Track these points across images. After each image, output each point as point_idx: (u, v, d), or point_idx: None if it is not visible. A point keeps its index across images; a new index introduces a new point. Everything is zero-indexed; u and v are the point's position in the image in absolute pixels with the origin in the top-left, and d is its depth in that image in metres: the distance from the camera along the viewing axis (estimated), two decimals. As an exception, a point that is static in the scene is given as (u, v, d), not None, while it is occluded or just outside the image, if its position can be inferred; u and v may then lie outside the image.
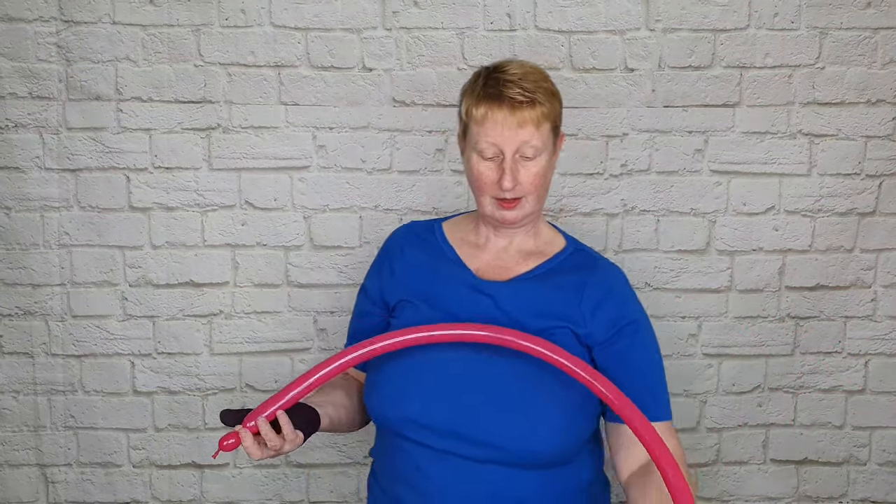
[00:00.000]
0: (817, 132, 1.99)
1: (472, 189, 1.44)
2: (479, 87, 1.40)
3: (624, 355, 1.41)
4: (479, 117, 1.38)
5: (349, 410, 1.50)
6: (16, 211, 1.97)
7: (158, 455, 2.04)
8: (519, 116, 1.36)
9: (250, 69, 1.94)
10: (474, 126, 1.39)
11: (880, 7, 1.95)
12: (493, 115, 1.37)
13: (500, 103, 1.36)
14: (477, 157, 1.40)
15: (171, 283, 2.00)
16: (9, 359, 2.01)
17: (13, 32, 1.91)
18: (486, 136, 1.37)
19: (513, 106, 1.36)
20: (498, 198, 1.40)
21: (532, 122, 1.37)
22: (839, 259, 2.02)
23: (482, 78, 1.42)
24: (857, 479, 2.10)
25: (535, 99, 1.37)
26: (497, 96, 1.37)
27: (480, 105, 1.38)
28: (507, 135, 1.36)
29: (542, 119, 1.38)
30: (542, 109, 1.38)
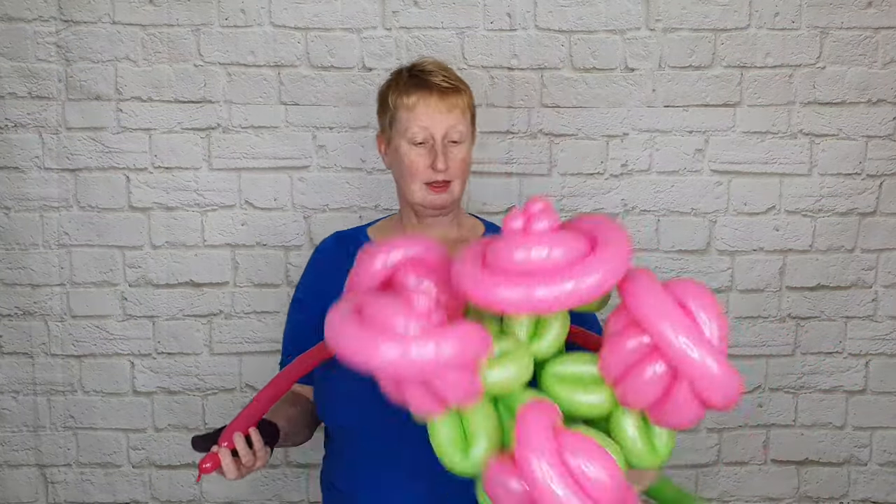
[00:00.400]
0: (818, 132, 1.98)
1: (401, 178, 1.50)
2: (405, 80, 1.50)
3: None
4: (411, 104, 1.47)
5: (299, 423, 1.53)
6: (15, 211, 1.97)
7: (158, 455, 2.04)
8: (448, 102, 1.47)
9: (250, 69, 1.94)
10: (404, 113, 1.47)
11: (881, 7, 1.95)
12: (424, 100, 1.46)
13: (430, 90, 1.47)
14: (408, 145, 1.47)
15: (171, 283, 2.00)
16: (8, 359, 2.01)
17: (13, 32, 1.91)
18: (418, 120, 1.46)
19: (441, 91, 1.47)
20: (429, 182, 1.47)
21: (458, 108, 1.48)
22: (840, 259, 2.02)
23: (405, 73, 1.52)
24: (858, 480, 2.10)
25: (459, 87, 1.50)
26: (426, 84, 1.48)
27: (411, 94, 1.47)
28: (437, 118, 1.46)
29: (466, 107, 1.50)
30: (465, 97, 1.50)
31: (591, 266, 0.96)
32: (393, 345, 0.94)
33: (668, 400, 1.01)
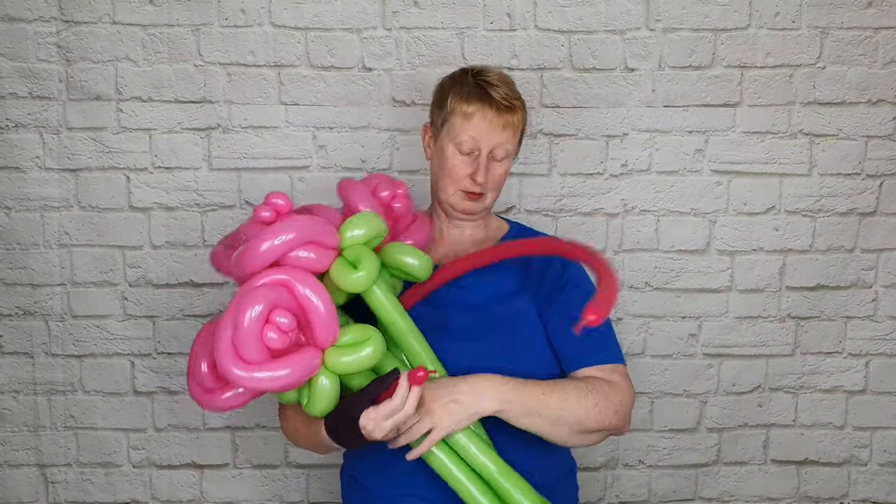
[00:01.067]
0: (818, 132, 1.98)
1: (440, 177, 1.54)
2: (469, 86, 1.51)
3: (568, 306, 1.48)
4: (469, 113, 1.49)
5: None
6: (16, 211, 1.97)
7: (158, 455, 2.04)
8: (504, 119, 1.50)
9: (250, 69, 1.94)
10: (459, 119, 1.50)
11: (881, 7, 1.95)
12: (482, 112, 1.48)
13: (490, 104, 1.49)
14: (454, 149, 1.50)
15: (171, 283, 2.00)
16: (9, 359, 2.01)
17: (13, 32, 1.92)
18: (470, 130, 1.49)
19: (499, 108, 1.49)
20: (465, 189, 1.52)
21: (512, 127, 1.51)
22: (840, 259, 2.02)
23: (470, 77, 1.52)
24: (858, 480, 2.09)
25: (516, 106, 1.52)
26: (487, 96, 1.49)
27: (471, 102, 1.49)
28: (490, 133, 1.49)
29: (518, 126, 1.53)
30: (520, 116, 1.53)
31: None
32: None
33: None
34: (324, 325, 1.29)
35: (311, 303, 1.28)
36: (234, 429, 2.05)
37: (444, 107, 1.52)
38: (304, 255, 1.32)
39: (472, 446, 1.37)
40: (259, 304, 1.26)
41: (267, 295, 1.27)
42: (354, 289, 1.33)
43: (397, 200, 1.51)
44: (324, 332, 1.29)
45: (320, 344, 1.30)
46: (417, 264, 1.43)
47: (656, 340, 2.04)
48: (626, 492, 2.08)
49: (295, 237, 1.31)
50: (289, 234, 1.31)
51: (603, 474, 2.07)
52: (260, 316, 1.25)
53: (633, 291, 2.02)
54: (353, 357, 1.30)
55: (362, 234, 1.37)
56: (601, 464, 2.07)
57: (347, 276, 1.32)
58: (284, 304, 1.28)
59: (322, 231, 1.34)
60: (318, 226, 1.34)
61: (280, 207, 1.38)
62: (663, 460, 2.07)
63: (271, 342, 1.26)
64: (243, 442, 2.05)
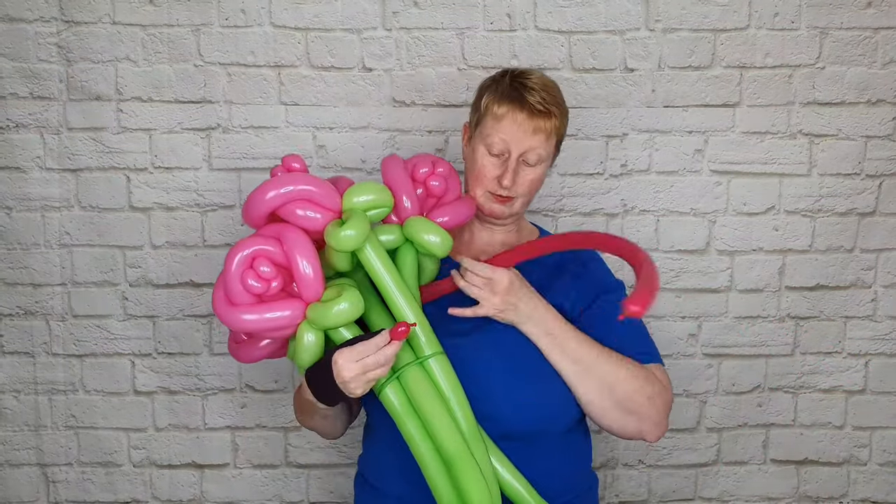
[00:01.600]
0: (817, 132, 1.99)
1: (470, 177, 1.53)
2: (505, 87, 1.49)
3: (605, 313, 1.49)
4: (500, 115, 1.47)
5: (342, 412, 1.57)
6: (17, 211, 1.97)
7: (158, 455, 2.05)
8: (535, 123, 1.46)
9: (250, 69, 1.95)
10: (491, 121, 1.48)
11: (880, 7, 1.95)
12: (513, 115, 1.46)
13: (522, 107, 1.46)
14: (484, 151, 1.49)
15: (171, 283, 2.00)
16: (9, 358, 2.01)
17: (13, 32, 1.92)
18: (500, 132, 1.47)
19: (532, 112, 1.46)
20: (492, 191, 1.50)
21: (544, 132, 1.47)
22: (839, 259, 2.02)
23: (508, 79, 1.51)
24: (858, 480, 2.10)
25: (552, 111, 1.48)
26: (519, 99, 1.47)
27: (503, 103, 1.47)
28: (519, 137, 1.47)
29: (552, 132, 1.49)
30: (555, 122, 1.48)
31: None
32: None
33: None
34: (308, 281, 1.35)
35: (297, 259, 1.34)
36: (234, 429, 2.05)
37: (479, 107, 1.52)
38: (303, 212, 1.38)
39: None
40: (245, 250, 1.34)
41: (255, 243, 1.35)
42: (342, 247, 1.36)
43: (435, 178, 1.51)
44: (308, 287, 1.35)
45: (305, 299, 1.36)
46: (437, 241, 1.45)
47: (656, 340, 2.00)
48: (625, 491, 2.08)
49: (295, 190, 1.37)
50: (290, 186, 1.37)
51: (602, 474, 2.07)
52: (244, 261, 1.34)
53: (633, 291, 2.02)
54: (330, 311, 1.33)
55: (363, 200, 1.40)
56: (601, 464, 2.07)
57: (336, 234, 1.35)
58: (272, 255, 1.35)
59: (324, 192, 1.39)
60: (322, 186, 1.39)
61: (293, 168, 1.44)
62: (663, 460, 2.08)
63: (252, 288, 1.34)
64: (243, 442, 2.05)
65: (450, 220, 1.50)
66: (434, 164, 1.53)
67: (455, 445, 1.33)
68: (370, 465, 1.55)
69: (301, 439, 2.05)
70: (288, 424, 2.04)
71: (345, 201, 1.41)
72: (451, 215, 1.51)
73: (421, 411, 1.36)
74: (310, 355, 1.39)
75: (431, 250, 1.45)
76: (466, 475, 1.32)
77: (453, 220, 1.51)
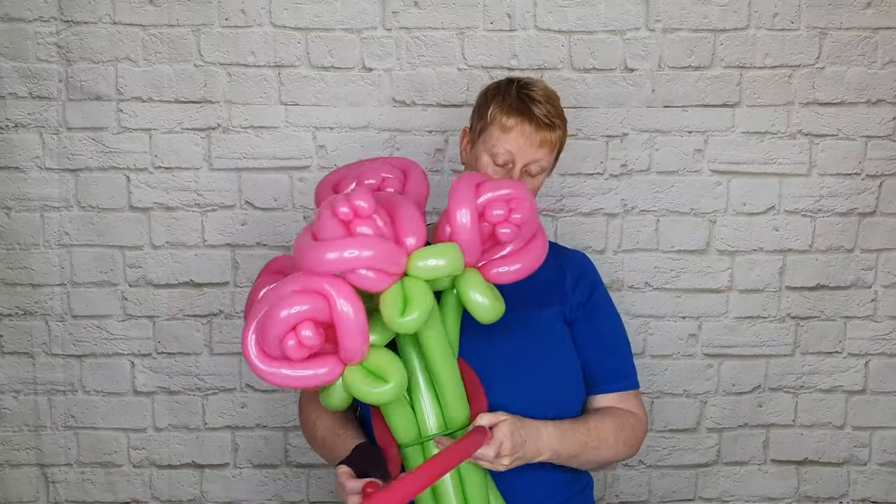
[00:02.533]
0: (817, 132, 1.99)
1: None
2: (513, 99, 1.50)
3: (599, 328, 1.55)
4: (508, 126, 1.49)
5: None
6: (16, 211, 1.97)
7: (158, 455, 2.04)
8: (542, 136, 1.49)
9: (250, 69, 1.94)
10: (497, 131, 1.49)
11: (880, 7, 1.95)
12: (521, 127, 1.48)
13: (530, 119, 1.48)
14: (488, 160, 1.50)
15: (171, 283, 2.00)
16: (9, 359, 2.01)
17: (13, 32, 1.92)
18: (507, 144, 1.48)
19: (539, 125, 1.49)
20: None
21: (549, 145, 1.51)
22: (839, 259, 2.02)
23: (514, 89, 1.52)
24: (858, 480, 2.10)
25: (556, 124, 1.51)
26: (528, 112, 1.48)
27: (511, 115, 1.49)
28: (526, 149, 1.49)
29: (556, 143, 1.52)
30: (559, 134, 1.52)
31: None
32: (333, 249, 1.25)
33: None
34: (351, 344, 1.24)
35: (343, 322, 1.23)
36: (234, 429, 2.05)
37: (485, 115, 1.52)
38: (363, 273, 1.25)
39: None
40: (290, 309, 1.21)
41: (302, 302, 1.22)
42: (401, 331, 1.27)
43: (506, 226, 1.35)
44: (350, 350, 1.25)
45: (343, 359, 1.27)
46: (486, 305, 1.33)
47: (656, 340, 2.04)
48: (625, 492, 2.08)
49: (363, 258, 1.24)
50: (360, 251, 1.24)
51: (603, 474, 2.07)
52: (287, 322, 1.22)
53: (633, 291, 2.02)
54: (368, 388, 1.26)
55: (430, 267, 1.28)
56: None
57: (395, 318, 1.25)
58: (317, 314, 1.23)
59: (391, 258, 1.26)
60: (389, 252, 1.26)
61: (360, 211, 1.26)
62: (663, 460, 2.07)
63: (289, 350, 1.23)
64: (243, 442, 2.05)
65: (523, 268, 1.38)
66: (510, 208, 1.35)
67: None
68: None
69: (301, 439, 2.05)
70: (288, 424, 2.04)
71: (411, 267, 1.27)
72: (525, 262, 1.38)
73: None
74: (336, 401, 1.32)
75: (477, 314, 1.34)
76: None
77: (527, 266, 1.38)
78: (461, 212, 1.33)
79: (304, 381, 1.26)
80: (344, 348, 1.25)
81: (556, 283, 1.55)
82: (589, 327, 1.55)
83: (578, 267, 1.60)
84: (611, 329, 1.59)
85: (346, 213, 1.26)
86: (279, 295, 1.24)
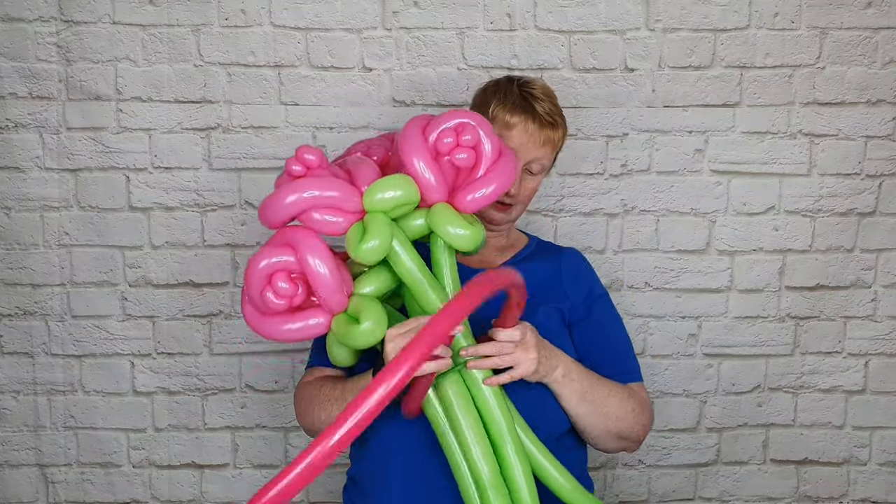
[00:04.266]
0: (817, 132, 1.99)
1: None
2: (515, 96, 1.51)
3: (600, 326, 1.55)
4: (511, 124, 1.49)
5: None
6: (16, 211, 1.97)
7: (158, 455, 2.04)
8: (545, 134, 1.51)
9: (250, 69, 1.94)
10: (499, 129, 1.49)
11: (880, 7, 1.95)
12: (525, 125, 1.49)
13: (534, 118, 1.49)
14: None
15: (171, 283, 2.00)
16: (9, 359, 2.01)
17: (13, 32, 1.92)
18: (510, 141, 1.49)
19: (542, 123, 1.50)
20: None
21: (551, 143, 1.52)
22: (839, 259, 2.02)
23: (515, 88, 1.52)
24: (858, 480, 2.10)
25: (557, 122, 1.52)
26: (531, 109, 1.49)
27: (515, 113, 1.49)
28: (529, 147, 1.50)
29: (557, 143, 1.54)
30: (560, 133, 1.54)
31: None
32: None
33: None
34: (327, 295, 1.30)
35: (315, 273, 1.29)
36: (234, 429, 2.05)
37: (485, 114, 1.51)
38: (321, 217, 1.33)
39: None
40: (260, 263, 1.30)
41: (269, 255, 1.30)
42: (365, 260, 1.32)
43: (460, 150, 1.36)
44: (328, 300, 1.31)
45: (327, 310, 1.32)
46: (464, 235, 1.35)
47: (656, 340, 2.04)
48: (625, 491, 2.08)
49: (312, 198, 1.31)
50: (307, 191, 1.32)
51: (602, 474, 2.07)
52: (261, 278, 1.30)
53: (633, 291, 2.02)
54: (351, 335, 1.30)
55: (386, 198, 1.33)
56: (601, 463, 2.07)
57: (356, 247, 1.31)
58: (289, 267, 1.30)
59: (344, 194, 1.33)
60: (340, 189, 1.32)
61: (310, 162, 1.35)
62: (663, 460, 2.08)
63: (273, 305, 1.30)
64: (243, 442, 2.05)
65: (495, 190, 1.38)
66: (458, 132, 1.37)
67: (492, 471, 1.30)
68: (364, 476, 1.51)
69: (301, 439, 2.05)
70: (288, 424, 2.04)
71: (365, 201, 1.33)
72: (494, 184, 1.37)
73: (455, 424, 1.32)
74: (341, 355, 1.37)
75: (456, 245, 1.36)
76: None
77: (498, 188, 1.38)
78: (413, 156, 1.35)
79: (297, 334, 1.33)
80: (321, 298, 1.31)
81: (551, 280, 1.56)
82: (589, 324, 1.55)
83: (574, 264, 1.61)
84: (611, 325, 1.59)
85: (297, 169, 1.34)
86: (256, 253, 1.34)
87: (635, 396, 1.51)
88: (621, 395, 1.48)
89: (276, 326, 1.32)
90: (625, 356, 1.58)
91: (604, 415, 1.45)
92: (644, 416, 1.51)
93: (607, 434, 1.47)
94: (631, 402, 1.49)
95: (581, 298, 1.56)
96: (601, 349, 1.54)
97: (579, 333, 1.54)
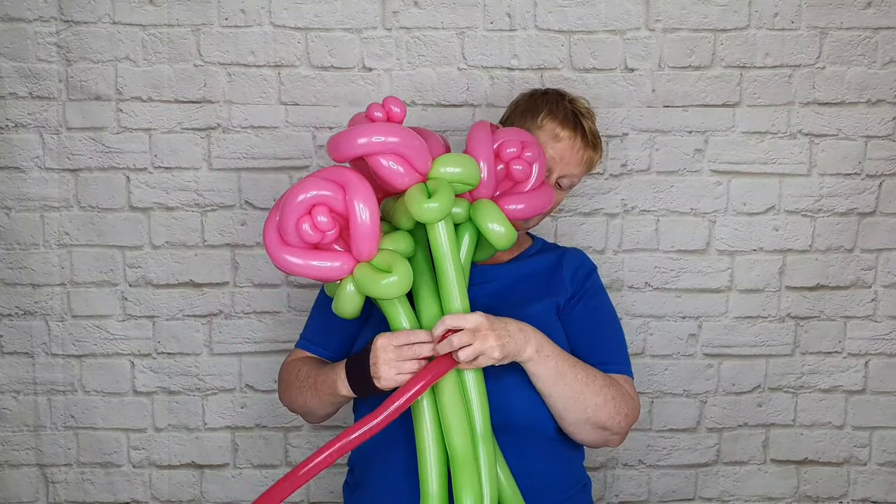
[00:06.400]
0: (817, 132, 1.99)
1: None
2: (568, 112, 1.55)
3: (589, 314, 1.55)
4: (561, 136, 1.54)
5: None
6: (16, 211, 1.97)
7: (158, 455, 2.04)
8: (587, 153, 1.57)
9: (250, 69, 1.94)
10: (545, 137, 1.54)
11: (880, 7, 1.95)
12: (573, 140, 1.54)
13: (583, 135, 1.54)
14: None
15: (171, 283, 2.00)
16: (9, 359, 2.01)
17: (13, 32, 1.92)
18: (554, 150, 1.53)
19: (586, 143, 1.56)
20: None
21: (588, 164, 1.59)
22: (839, 259, 2.02)
23: (567, 103, 1.57)
24: (858, 480, 2.10)
25: (597, 144, 1.59)
26: (581, 128, 1.55)
27: (566, 127, 1.54)
28: (570, 161, 1.55)
29: (592, 165, 1.61)
30: (597, 157, 1.60)
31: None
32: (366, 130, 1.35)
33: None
34: (362, 240, 1.31)
35: (357, 215, 1.30)
36: (234, 429, 2.05)
37: (535, 118, 1.55)
38: (389, 164, 1.34)
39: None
40: (307, 193, 1.29)
41: (318, 187, 1.30)
42: (422, 217, 1.34)
43: (519, 162, 1.45)
44: (360, 246, 1.32)
45: (355, 255, 1.33)
46: (501, 232, 1.41)
47: (656, 340, 2.04)
48: (625, 491, 2.08)
49: (390, 143, 1.33)
50: (387, 136, 1.33)
51: (602, 474, 2.07)
52: (303, 206, 1.30)
53: (633, 291, 2.02)
54: (378, 283, 1.31)
55: (451, 172, 1.37)
56: (601, 464, 2.07)
57: (420, 203, 1.33)
58: (332, 203, 1.30)
59: (418, 152, 1.35)
60: (417, 145, 1.35)
61: (394, 114, 1.38)
62: (663, 460, 2.08)
63: (305, 235, 1.30)
64: (243, 442, 2.05)
65: (525, 209, 1.47)
66: (523, 146, 1.46)
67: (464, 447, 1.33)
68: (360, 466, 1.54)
69: (301, 439, 2.05)
70: (288, 424, 2.04)
71: (433, 168, 1.37)
72: (527, 204, 1.47)
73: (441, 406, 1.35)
74: (348, 306, 1.38)
75: (492, 239, 1.43)
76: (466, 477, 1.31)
77: (529, 209, 1.48)
78: (481, 150, 1.42)
79: (317, 272, 1.32)
80: (355, 241, 1.31)
81: (552, 275, 1.58)
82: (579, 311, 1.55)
83: (576, 260, 1.63)
84: (601, 316, 1.59)
85: (379, 115, 1.36)
86: (300, 182, 1.33)
87: (616, 385, 1.47)
88: (602, 382, 1.45)
89: (296, 258, 1.32)
90: (613, 346, 1.56)
91: (580, 399, 1.42)
92: (625, 405, 1.47)
93: (585, 422, 1.44)
94: (611, 390, 1.45)
95: (576, 289, 1.57)
96: (587, 336, 1.53)
97: (568, 320, 1.54)
